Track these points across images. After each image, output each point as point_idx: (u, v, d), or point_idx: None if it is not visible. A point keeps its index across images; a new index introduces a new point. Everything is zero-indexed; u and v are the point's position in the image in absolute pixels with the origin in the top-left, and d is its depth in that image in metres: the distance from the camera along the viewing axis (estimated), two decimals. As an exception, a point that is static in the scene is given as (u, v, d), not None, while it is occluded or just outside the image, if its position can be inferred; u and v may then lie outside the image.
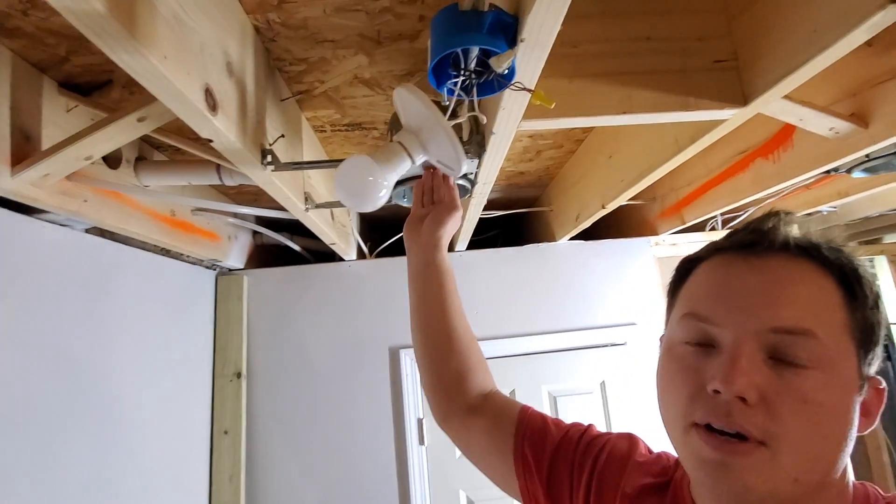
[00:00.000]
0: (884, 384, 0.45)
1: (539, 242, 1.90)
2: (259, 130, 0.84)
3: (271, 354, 1.75)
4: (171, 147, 1.27)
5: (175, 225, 1.35)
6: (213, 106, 0.65)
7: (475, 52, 0.56)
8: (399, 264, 1.87)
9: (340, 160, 1.00)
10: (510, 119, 0.72)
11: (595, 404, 1.74)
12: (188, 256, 1.56)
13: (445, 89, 0.60)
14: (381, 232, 2.13)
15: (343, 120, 1.21)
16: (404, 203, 1.09)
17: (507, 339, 1.78)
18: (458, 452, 1.71)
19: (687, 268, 0.51)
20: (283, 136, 0.90)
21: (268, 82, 0.91)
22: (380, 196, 0.53)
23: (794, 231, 0.46)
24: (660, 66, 0.78)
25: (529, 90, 0.59)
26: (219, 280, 1.77)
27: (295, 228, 1.92)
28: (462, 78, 0.58)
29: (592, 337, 1.78)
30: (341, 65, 0.98)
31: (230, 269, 1.82)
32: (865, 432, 0.43)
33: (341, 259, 1.86)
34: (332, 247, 1.56)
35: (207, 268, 1.72)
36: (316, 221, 1.22)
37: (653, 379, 0.50)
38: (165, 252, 1.45)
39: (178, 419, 1.46)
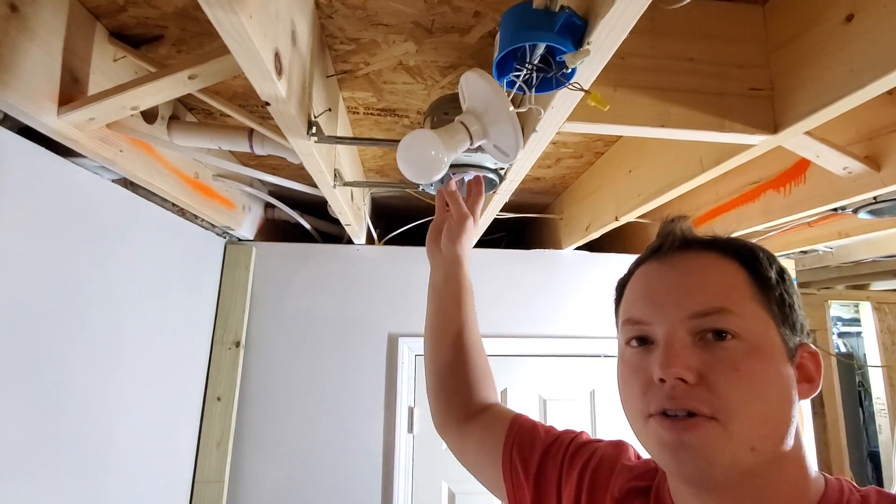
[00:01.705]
0: (815, 348, 0.49)
1: (545, 249, 1.94)
2: (308, 101, 0.86)
3: (271, 327, 1.77)
4: (203, 110, 1.29)
5: (197, 187, 1.37)
6: (279, 70, 0.67)
7: (541, 48, 0.59)
8: (407, 253, 1.90)
9: (382, 139, 1.03)
10: (555, 118, 0.75)
11: (583, 412, 1.78)
12: (202, 220, 1.57)
13: (506, 81, 0.63)
14: (390, 220, 2.16)
15: (378, 104, 1.24)
16: (431, 190, 1.12)
17: (505, 339, 1.82)
18: (444, 444, 1.73)
19: (622, 284, 0.58)
20: (329, 109, 0.92)
21: (319, 57, 0.94)
22: (440, 171, 0.56)
23: (691, 230, 0.54)
24: (699, 86, 0.82)
25: (587, 91, 0.62)
26: (227, 248, 1.78)
27: (306, 207, 1.94)
28: (525, 72, 0.61)
29: (586, 346, 1.82)
30: (389, 49, 1.00)
31: (240, 239, 1.83)
32: (811, 397, 0.48)
33: (349, 242, 1.88)
34: (347, 228, 1.58)
35: (218, 235, 1.73)
36: (339, 200, 1.24)
37: None
38: (181, 213, 1.47)
39: (174, 379, 1.47)
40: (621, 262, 1.94)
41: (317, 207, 1.96)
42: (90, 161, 1.06)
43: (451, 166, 0.98)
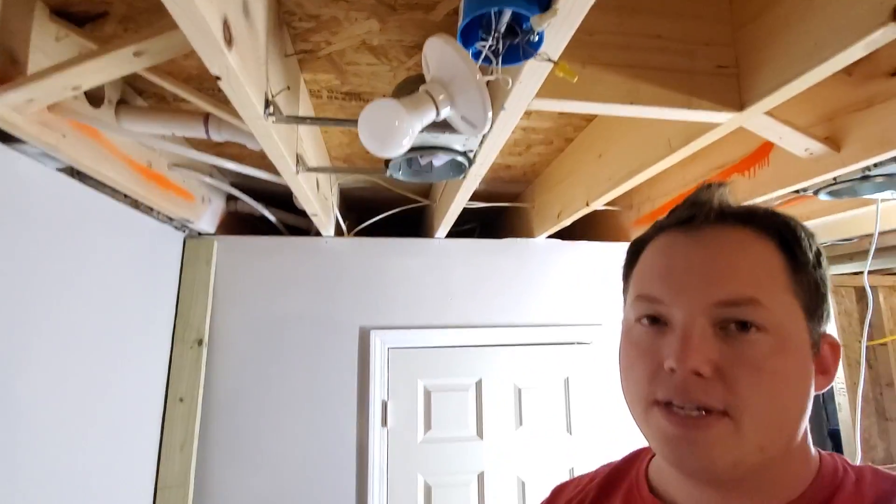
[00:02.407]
0: (836, 340, 0.46)
1: (517, 238, 1.93)
2: (264, 79, 0.82)
3: (236, 324, 1.70)
4: (155, 94, 1.22)
5: (150, 177, 1.29)
6: (229, 40, 0.63)
7: (507, 15, 0.56)
8: (377, 245, 1.86)
9: (346, 119, 0.99)
10: (524, 94, 0.73)
11: (557, 399, 1.79)
12: (158, 213, 1.49)
13: (472, 51, 0.61)
14: (360, 211, 2.11)
15: (342, 87, 1.19)
16: (399, 176, 1.08)
17: (479, 329, 1.80)
18: (420, 436, 1.71)
19: (636, 250, 0.52)
20: (288, 87, 0.88)
21: (276, 34, 0.89)
22: (403, 143, 0.52)
23: (729, 200, 0.47)
24: (667, 64, 0.81)
25: (555, 61, 0.60)
26: (187, 242, 1.70)
27: (271, 199, 1.88)
28: (491, 41, 0.58)
29: (560, 334, 1.83)
30: (352, 28, 0.96)
31: (200, 233, 1.75)
32: (823, 390, 0.44)
33: (318, 234, 1.82)
34: (314, 218, 1.53)
35: (176, 228, 1.65)
36: (304, 187, 1.20)
37: (615, 379, 0.52)
38: (135, 205, 1.39)
39: (131, 380, 1.39)
40: (593, 250, 1.95)
41: (283, 199, 1.89)
42: (31, 147, 0.98)
43: (420, 149, 0.94)
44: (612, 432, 1.74)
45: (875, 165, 1.11)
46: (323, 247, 1.81)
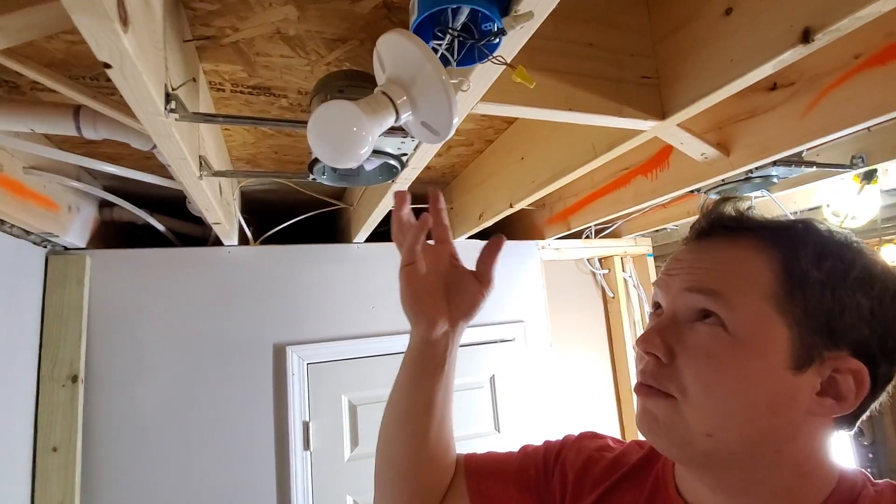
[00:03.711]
0: (863, 369, 0.42)
1: (436, 239, 1.90)
2: (163, 68, 0.68)
3: (121, 354, 1.45)
4: (6, 82, 0.98)
5: (2, 183, 1.04)
6: (124, 19, 0.50)
7: (465, 13, 0.52)
8: (288, 253, 1.71)
9: (270, 119, 0.87)
10: (469, 97, 0.69)
11: (485, 398, 1.80)
12: (11, 227, 1.22)
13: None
14: (264, 217, 1.93)
15: (249, 80, 1.06)
16: (324, 180, 0.99)
17: (404, 336, 1.73)
18: (346, 455, 1.61)
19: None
20: (193, 79, 0.75)
21: (173, 15, 0.75)
22: (363, 152, 0.45)
23: (733, 211, 0.50)
24: (600, 72, 0.83)
25: (511, 65, 0.57)
26: (50, 260, 1.41)
27: (155, 205, 1.63)
28: (447, 40, 0.54)
29: (484, 333, 1.84)
30: (264, 14, 0.85)
31: (66, 248, 1.47)
32: (838, 415, 0.43)
33: (218, 243, 1.63)
34: (216, 227, 1.36)
35: (36, 244, 1.36)
36: (207, 193, 1.04)
37: (539, 373, 0.57)
38: (-23, 218, 1.11)
39: (-18, 436, 1.12)
40: (514, 248, 1.99)
41: (170, 204, 1.66)
42: None
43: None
44: (539, 428, 1.80)
45: (756, 168, 1.27)
46: (225, 257, 1.62)
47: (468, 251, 0.68)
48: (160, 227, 1.60)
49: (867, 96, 0.89)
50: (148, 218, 1.55)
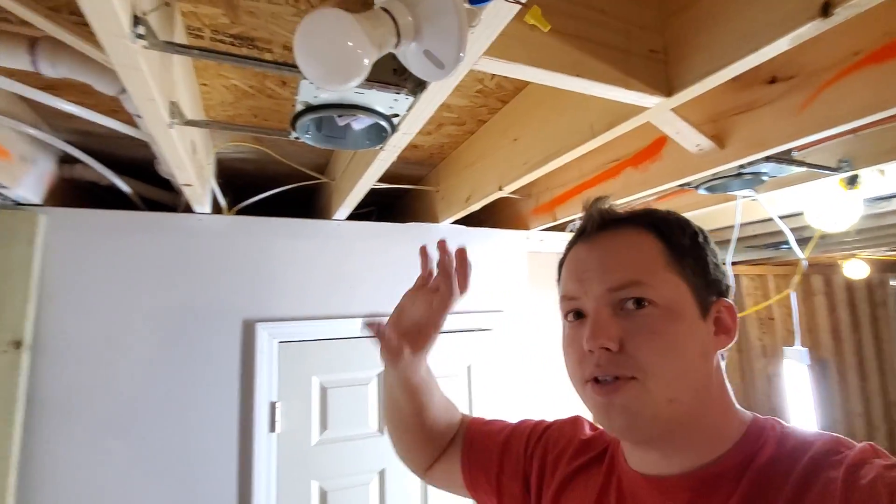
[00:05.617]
0: (731, 303, 0.55)
1: (420, 223, 1.85)
2: (133, -11, 0.61)
3: (76, 321, 1.35)
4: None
5: (-59, 118, 0.94)
6: None
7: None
8: (263, 225, 1.63)
9: (249, 57, 0.80)
10: (476, 45, 0.64)
11: (461, 387, 1.75)
12: (-47, 172, 1.11)
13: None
14: (239, 189, 1.83)
15: (231, 28, 0.98)
16: (308, 139, 0.92)
17: (381, 318, 1.68)
18: (314, 438, 1.54)
19: (560, 264, 0.63)
20: (167, 3, 0.67)
21: (149, -66, 0.68)
22: (359, 71, 0.39)
23: (610, 209, 0.58)
24: (609, 40, 0.79)
25: (525, 4, 0.52)
26: (-2, 214, 1.30)
27: (123, 168, 1.53)
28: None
29: (461, 321, 1.79)
30: (253, -52, 0.78)
31: (17, 203, 1.35)
32: (729, 346, 0.53)
33: (188, 210, 1.53)
34: (186, 190, 1.27)
35: (-18, 195, 1.25)
36: (177, 146, 0.96)
37: (515, 363, 0.64)
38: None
39: None
40: (498, 237, 1.95)
41: (139, 168, 1.56)
42: None
43: (339, 106, 0.81)
44: (514, 417, 1.76)
45: (748, 165, 1.26)
46: (196, 225, 1.53)
47: (453, 237, 0.74)
48: (126, 189, 1.49)
49: (861, 94, 0.88)
50: (113, 178, 1.44)
